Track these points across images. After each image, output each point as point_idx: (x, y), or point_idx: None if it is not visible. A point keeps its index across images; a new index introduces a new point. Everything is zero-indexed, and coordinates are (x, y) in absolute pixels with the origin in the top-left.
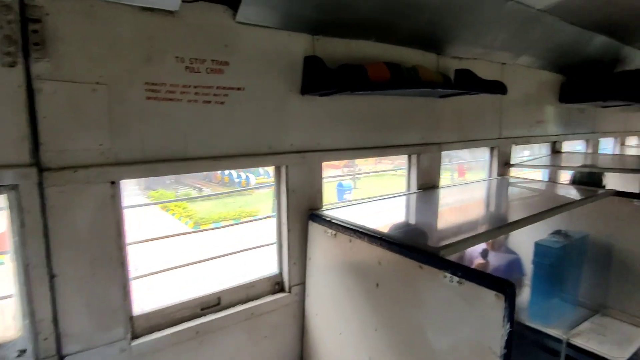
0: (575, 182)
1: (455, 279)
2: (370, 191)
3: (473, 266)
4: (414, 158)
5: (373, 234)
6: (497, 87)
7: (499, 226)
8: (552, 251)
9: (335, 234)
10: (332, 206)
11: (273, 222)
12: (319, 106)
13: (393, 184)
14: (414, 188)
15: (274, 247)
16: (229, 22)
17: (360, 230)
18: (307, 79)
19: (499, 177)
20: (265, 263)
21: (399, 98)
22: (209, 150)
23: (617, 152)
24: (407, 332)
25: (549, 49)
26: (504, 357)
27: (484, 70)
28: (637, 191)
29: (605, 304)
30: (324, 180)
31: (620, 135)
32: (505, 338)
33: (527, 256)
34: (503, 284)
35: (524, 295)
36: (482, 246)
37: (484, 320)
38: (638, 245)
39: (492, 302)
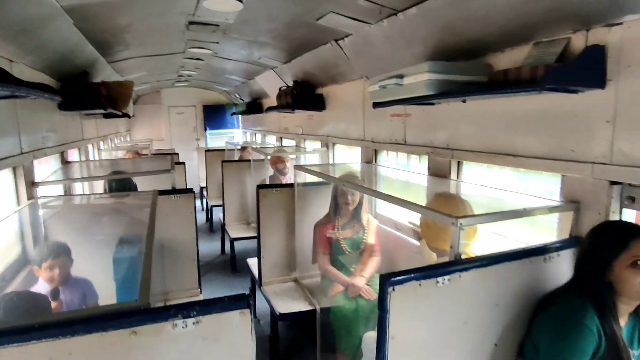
0: (112, 190)
1: (190, 321)
2: None
3: None
4: None
5: (35, 325)
6: (46, 89)
7: None
8: (133, 260)
9: None
10: None
11: None
12: None
13: None
14: None
15: None
16: None
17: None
18: None
19: (30, 203)
20: None
21: None
22: None
23: (96, 156)
24: None
25: (55, 51)
26: None
27: None
28: (170, 188)
29: (166, 290)
30: None
31: (96, 140)
32: (255, 349)
33: (101, 274)
34: (242, 298)
35: None
36: (44, 287)
37: (232, 347)
38: (178, 232)
39: (238, 323)
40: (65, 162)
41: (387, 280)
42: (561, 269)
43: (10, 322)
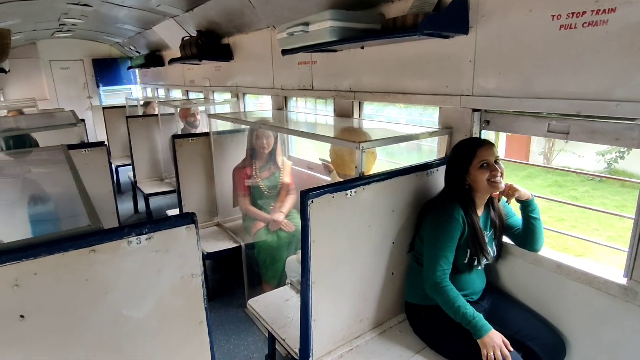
0: (9, 147)
1: (143, 237)
2: None
3: None
4: None
5: (4, 249)
6: None
7: None
8: (51, 216)
9: None
10: None
11: None
12: None
13: None
14: None
15: None
16: None
17: None
18: None
19: None
20: None
21: None
22: None
23: None
24: (108, 337)
25: None
26: (202, 273)
27: None
28: (75, 142)
29: None
30: None
31: None
32: (201, 256)
33: (15, 235)
34: (187, 215)
35: None
36: None
37: (181, 256)
38: (93, 187)
39: (185, 236)
40: None
41: (307, 194)
42: (440, 180)
43: None
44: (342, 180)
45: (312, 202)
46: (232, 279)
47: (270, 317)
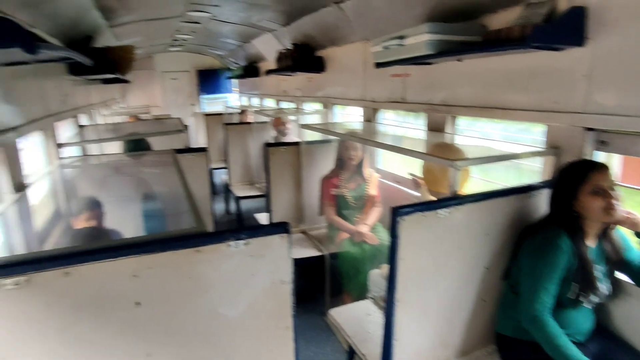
0: (130, 149)
1: (241, 242)
2: None
3: None
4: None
5: (124, 244)
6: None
7: None
8: (161, 213)
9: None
10: None
11: None
12: None
13: None
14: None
15: None
16: None
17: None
18: None
19: (60, 163)
20: None
21: None
22: None
23: (101, 121)
24: (204, 331)
25: (66, 16)
26: (292, 281)
27: None
28: (181, 147)
29: None
30: None
31: (99, 106)
32: (291, 264)
33: (130, 226)
34: (281, 225)
35: None
36: None
37: (274, 263)
38: (193, 188)
39: (278, 244)
40: (80, 126)
41: (398, 211)
42: (542, 205)
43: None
44: (433, 198)
45: (403, 219)
46: (314, 286)
47: (351, 329)
